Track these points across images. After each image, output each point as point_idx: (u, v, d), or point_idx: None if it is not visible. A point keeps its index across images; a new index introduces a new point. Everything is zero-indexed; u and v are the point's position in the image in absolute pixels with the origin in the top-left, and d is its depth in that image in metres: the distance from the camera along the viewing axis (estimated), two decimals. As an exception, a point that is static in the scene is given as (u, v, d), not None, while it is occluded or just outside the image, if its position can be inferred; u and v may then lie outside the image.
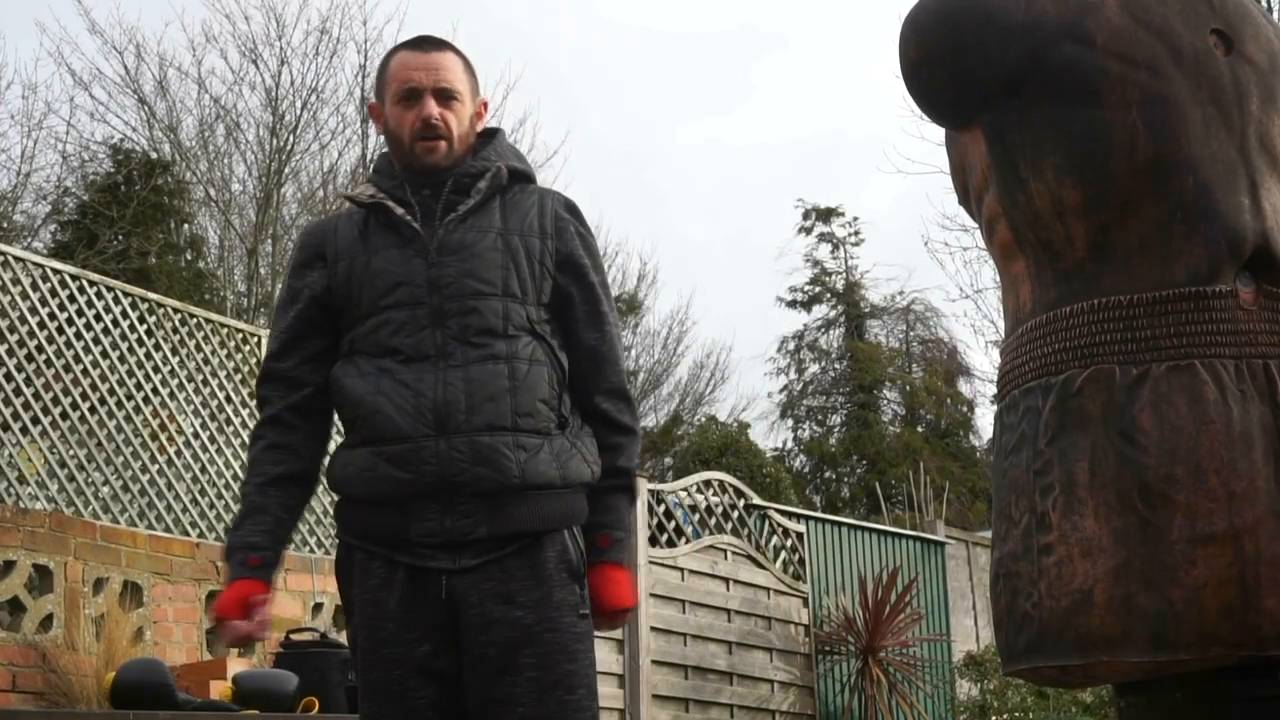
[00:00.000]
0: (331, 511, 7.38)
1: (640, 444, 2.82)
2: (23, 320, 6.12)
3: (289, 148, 18.89)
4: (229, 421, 6.96)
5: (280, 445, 2.74)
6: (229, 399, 6.97)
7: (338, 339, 2.72)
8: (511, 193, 2.75)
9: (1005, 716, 10.49)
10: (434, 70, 2.70)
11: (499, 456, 2.56)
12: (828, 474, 27.94)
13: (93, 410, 6.33)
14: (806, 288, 30.07)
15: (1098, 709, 10.08)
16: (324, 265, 2.72)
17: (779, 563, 10.33)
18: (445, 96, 2.70)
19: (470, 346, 2.61)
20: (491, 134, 2.81)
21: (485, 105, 2.82)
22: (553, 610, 2.58)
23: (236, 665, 6.00)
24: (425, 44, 2.75)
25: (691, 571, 9.35)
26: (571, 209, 2.79)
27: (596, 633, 2.70)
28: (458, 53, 2.77)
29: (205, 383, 6.87)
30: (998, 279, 2.63)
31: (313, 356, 2.73)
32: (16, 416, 6.02)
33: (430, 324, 2.62)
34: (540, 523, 2.60)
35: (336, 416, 2.77)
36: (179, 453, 6.69)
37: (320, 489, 7.30)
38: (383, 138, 2.79)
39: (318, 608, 7.03)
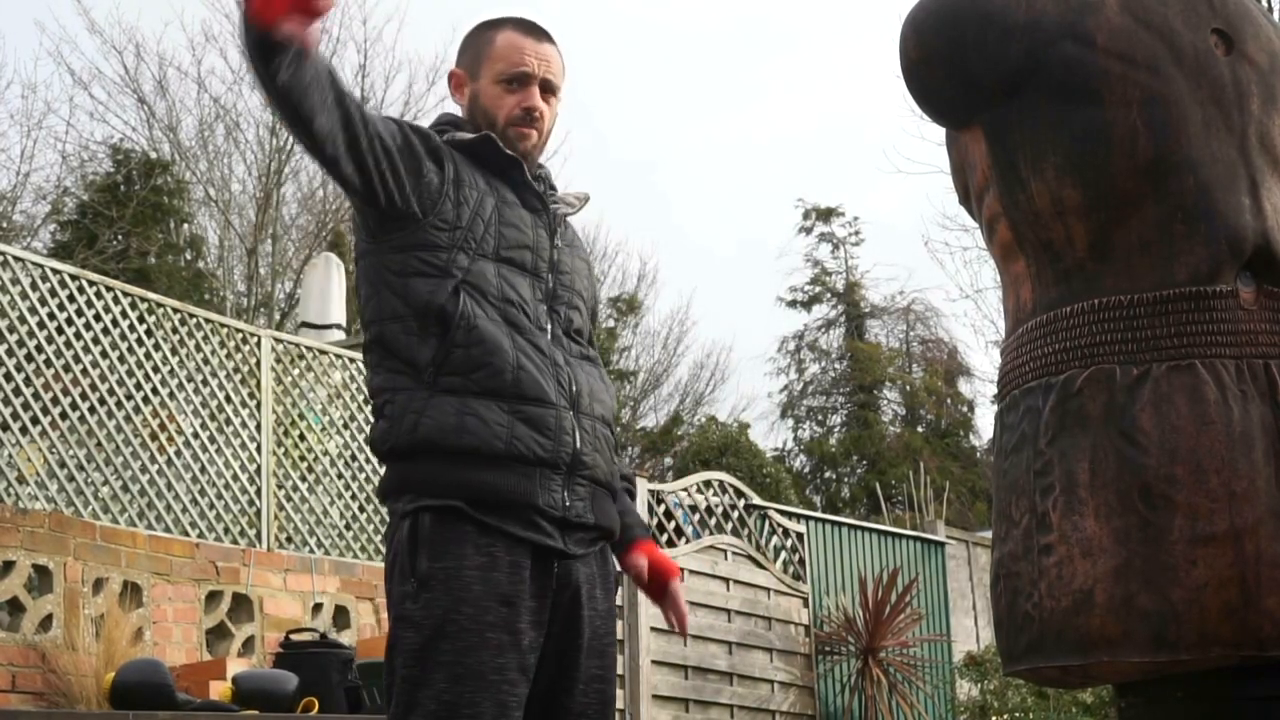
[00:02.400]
0: (332, 514, 7.37)
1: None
2: (22, 320, 6.11)
3: (289, 147, 18.89)
4: (229, 421, 6.95)
5: None
6: (229, 399, 6.97)
7: (402, 201, 2.41)
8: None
9: (1005, 717, 10.48)
10: (545, 61, 2.58)
11: (608, 448, 2.51)
12: (828, 474, 27.93)
13: (92, 410, 6.33)
14: (806, 288, 30.07)
15: (1098, 709, 10.08)
16: (439, 169, 2.45)
17: (779, 563, 10.33)
18: (548, 90, 2.59)
19: (572, 341, 2.53)
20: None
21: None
22: (610, 622, 2.52)
23: (236, 665, 6.00)
24: (538, 32, 2.62)
25: (691, 572, 9.35)
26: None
27: (684, 613, 2.63)
28: (558, 49, 2.66)
29: (205, 383, 6.87)
30: (998, 279, 2.63)
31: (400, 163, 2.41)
32: (16, 416, 6.02)
33: (545, 301, 2.50)
34: (614, 524, 2.54)
35: (421, 352, 2.40)
36: (178, 453, 6.68)
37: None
38: (461, 106, 2.63)
39: (317, 608, 7.02)
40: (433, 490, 2.35)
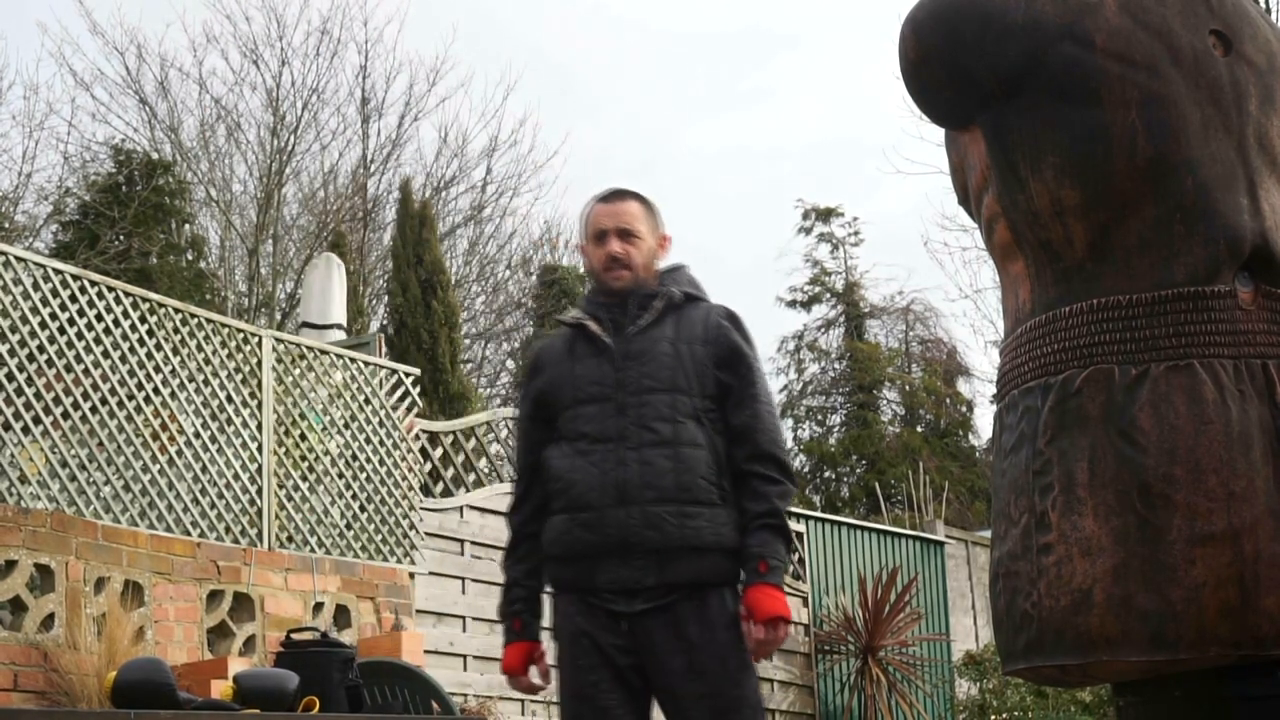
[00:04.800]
0: (333, 514, 7.38)
1: (792, 496, 3.33)
2: (24, 320, 6.12)
3: (290, 148, 18.90)
4: (229, 421, 6.96)
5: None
6: (230, 399, 6.97)
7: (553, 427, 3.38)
8: (685, 310, 3.39)
9: (1004, 716, 10.49)
10: (617, 215, 3.39)
11: (663, 522, 3.18)
12: (827, 474, 27.90)
13: (94, 410, 6.33)
14: (806, 288, 30.02)
15: (1096, 708, 10.09)
16: (541, 373, 3.42)
17: (779, 562, 10.32)
18: (626, 235, 3.37)
19: (645, 430, 3.24)
20: (676, 268, 3.49)
21: (667, 239, 3.47)
22: (719, 647, 3.17)
23: (237, 665, 6.01)
24: (613, 196, 3.44)
25: (692, 571, 9.35)
26: (730, 317, 3.41)
27: (760, 641, 3.18)
28: (640, 200, 3.45)
29: (206, 383, 6.87)
30: (997, 279, 2.64)
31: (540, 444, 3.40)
32: (18, 416, 6.02)
33: (615, 414, 3.28)
34: (698, 575, 3.19)
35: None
36: (180, 452, 6.68)
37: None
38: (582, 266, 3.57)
39: (318, 607, 7.04)
40: (549, 584, 3.35)
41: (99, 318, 6.43)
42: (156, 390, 6.63)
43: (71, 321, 6.30)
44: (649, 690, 3.22)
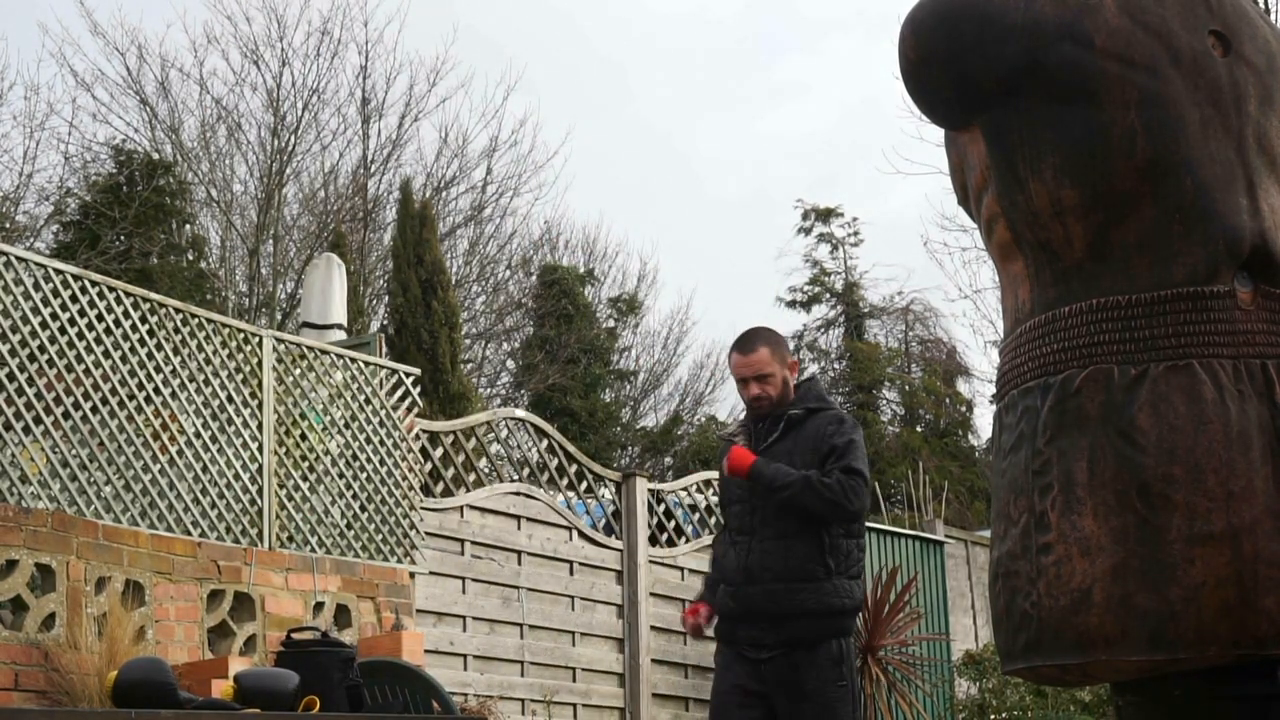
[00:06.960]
0: (334, 514, 7.39)
1: (811, 492, 4.37)
2: (25, 320, 6.12)
3: (290, 148, 18.90)
4: (230, 421, 6.95)
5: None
6: (230, 399, 6.97)
7: None
8: (806, 423, 4.48)
9: (1004, 715, 10.49)
10: (750, 366, 4.52)
11: (778, 596, 4.41)
12: (828, 473, 27.87)
13: (95, 410, 6.33)
14: (806, 288, 30.04)
15: (1096, 707, 10.09)
16: (721, 471, 4.61)
17: (779, 562, 10.31)
18: (760, 379, 4.52)
19: (765, 526, 4.45)
20: (807, 383, 4.61)
21: (795, 364, 4.61)
22: (820, 681, 4.36)
23: (238, 664, 6.01)
24: (746, 347, 4.54)
25: (691, 570, 9.36)
26: (835, 421, 4.51)
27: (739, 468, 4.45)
28: (767, 343, 4.54)
29: (207, 383, 6.86)
30: (997, 279, 2.65)
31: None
32: (19, 416, 6.02)
33: (750, 514, 4.50)
34: (806, 634, 4.38)
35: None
36: (180, 452, 6.67)
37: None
38: None
39: (318, 607, 7.04)
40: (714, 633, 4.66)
41: (99, 318, 6.43)
42: (157, 390, 6.62)
43: (72, 321, 6.30)
44: (775, 714, 4.40)
